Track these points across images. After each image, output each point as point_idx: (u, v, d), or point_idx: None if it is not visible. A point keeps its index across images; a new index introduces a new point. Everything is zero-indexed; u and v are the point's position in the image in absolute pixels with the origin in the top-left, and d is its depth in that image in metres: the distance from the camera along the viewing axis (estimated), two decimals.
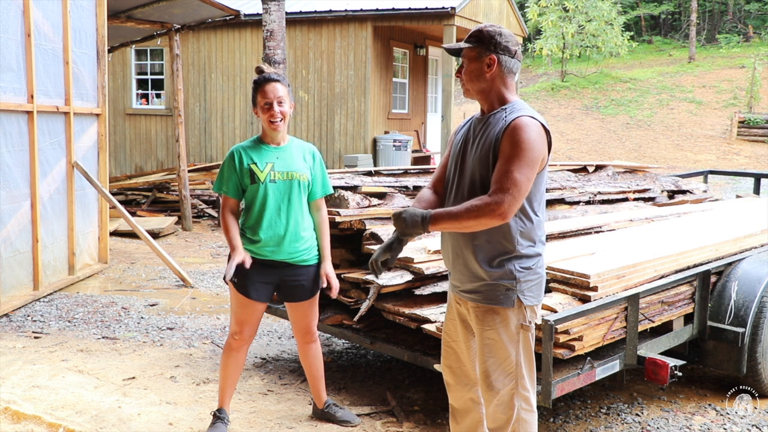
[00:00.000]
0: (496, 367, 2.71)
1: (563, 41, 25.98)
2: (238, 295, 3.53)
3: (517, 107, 2.68)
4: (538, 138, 2.59)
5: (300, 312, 3.65)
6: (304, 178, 3.48)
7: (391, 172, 5.03)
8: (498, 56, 2.70)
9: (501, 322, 2.68)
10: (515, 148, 2.55)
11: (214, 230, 10.33)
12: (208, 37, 13.57)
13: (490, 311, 2.69)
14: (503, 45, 2.70)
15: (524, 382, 2.71)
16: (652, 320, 3.76)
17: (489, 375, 2.72)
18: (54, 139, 6.73)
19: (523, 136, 2.56)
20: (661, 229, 4.85)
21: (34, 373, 4.43)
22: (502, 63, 2.70)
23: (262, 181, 3.41)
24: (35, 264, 6.34)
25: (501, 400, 2.72)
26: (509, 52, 2.71)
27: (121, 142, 14.29)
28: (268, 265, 3.49)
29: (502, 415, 2.72)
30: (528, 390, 2.73)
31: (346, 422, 3.78)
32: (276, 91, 3.41)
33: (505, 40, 2.71)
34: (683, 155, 19.73)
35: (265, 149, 3.49)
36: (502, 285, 2.65)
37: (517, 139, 2.56)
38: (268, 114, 3.41)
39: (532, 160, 2.56)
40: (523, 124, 2.59)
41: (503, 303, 2.66)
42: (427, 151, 14.77)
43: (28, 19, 6.18)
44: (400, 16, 12.46)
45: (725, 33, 33.50)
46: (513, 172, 2.53)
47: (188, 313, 6.03)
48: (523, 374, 2.71)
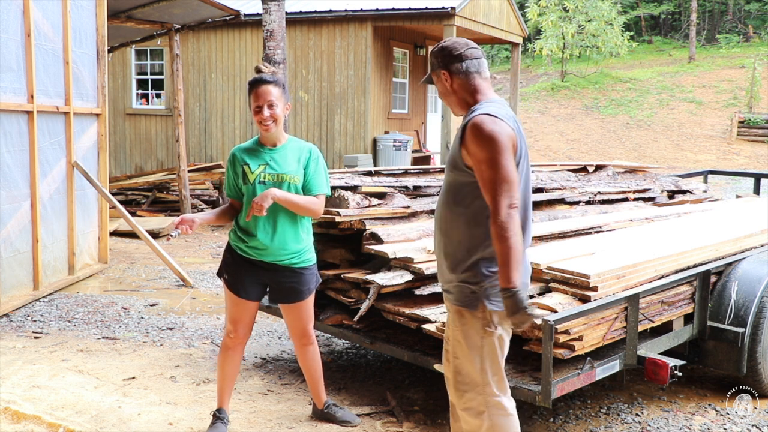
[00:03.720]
0: (461, 369, 2.69)
1: (563, 41, 25.98)
2: (230, 294, 3.55)
3: (476, 108, 2.64)
4: (495, 126, 2.52)
5: (294, 314, 3.64)
6: (294, 180, 3.45)
7: (391, 172, 5.03)
8: (447, 69, 2.70)
9: (465, 325, 2.66)
10: (481, 147, 2.51)
11: (214, 230, 10.34)
12: (208, 37, 13.57)
13: (458, 312, 2.69)
14: (447, 56, 2.70)
15: (491, 389, 2.67)
16: (652, 320, 3.76)
17: (455, 375, 2.72)
18: (54, 139, 6.73)
19: (483, 132, 2.51)
20: (661, 229, 4.85)
21: (34, 373, 4.43)
22: (453, 72, 2.69)
23: (251, 182, 3.42)
24: (35, 264, 6.34)
25: (468, 404, 2.70)
26: (456, 58, 2.69)
27: (121, 142, 14.28)
28: (258, 265, 3.49)
29: (471, 419, 2.70)
30: (498, 395, 2.68)
31: (346, 422, 3.78)
32: (266, 95, 3.39)
33: (448, 50, 2.71)
34: (683, 155, 19.73)
35: (261, 151, 3.50)
36: (468, 287, 2.62)
37: (479, 138, 2.51)
38: (258, 117, 3.42)
39: (504, 147, 2.49)
40: (479, 122, 2.54)
41: (467, 305, 2.64)
42: (427, 151, 14.76)
43: (28, 19, 6.18)
44: (400, 16, 12.46)
45: (725, 33, 33.50)
46: (495, 171, 2.48)
47: (188, 313, 6.03)
48: (488, 381, 2.66)
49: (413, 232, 4.10)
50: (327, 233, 4.22)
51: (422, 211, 4.50)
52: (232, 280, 3.51)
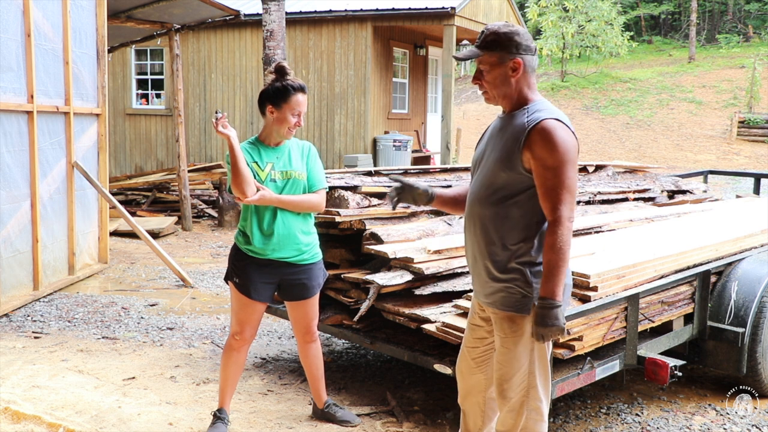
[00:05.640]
0: (510, 376, 2.64)
1: (563, 41, 25.99)
2: (239, 295, 3.54)
3: (536, 109, 2.58)
4: (566, 134, 2.50)
5: (300, 311, 3.65)
6: (301, 177, 3.51)
7: (391, 172, 5.03)
8: (522, 58, 2.59)
9: (517, 330, 2.60)
10: (551, 154, 2.46)
11: (214, 230, 10.34)
12: (208, 37, 13.57)
13: (507, 318, 2.62)
14: (524, 45, 2.59)
15: (536, 392, 2.64)
16: (652, 320, 3.76)
17: (502, 383, 2.67)
18: (54, 139, 6.73)
19: (555, 139, 2.47)
20: (661, 229, 4.85)
21: (34, 373, 4.43)
22: (526, 64, 2.60)
23: (262, 180, 3.42)
24: (35, 264, 6.34)
25: (512, 407, 2.68)
26: (530, 50, 2.60)
27: (121, 142, 14.28)
28: (268, 264, 3.50)
29: (511, 420, 2.69)
30: (540, 400, 2.66)
31: (346, 422, 3.78)
32: (303, 104, 3.46)
33: (525, 39, 2.60)
34: (683, 155, 19.74)
35: (264, 149, 3.51)
36: (518, 291, 2.57)
37: (551, 144, 2.46)
38: (289, 122, 3.45)
39: (572, 158, 2.48)
40: (551, 128, 2.49)
41: (518, 310, 2.58)
42: (427, 151, 14.76)
43: (28, 19, 6.18)
44: (400, 16, 12.46)
45: (725, 33, 33.51)
46: (561, 180, 2.45)
47: (188, 313, 6.03)
48: (536, 384, 2.63)
49: (413, 232, 4.10)
50: (327, 233, 4.22)
51: (422, 211, 4.50)
52: (243, 283, 3.51)
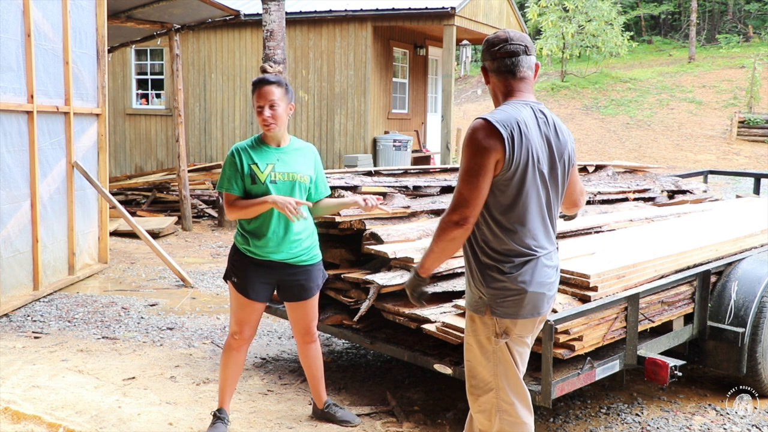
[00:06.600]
0: (474, 373, 2.69)
1: (563, 41, 25.99)
2: (238, 296, 3.54)
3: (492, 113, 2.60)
4: (471, 142, 2.46)
5: (300, 312, 3.65)
6: (304, 179, 3.50)
7: (391, 172, 5.03)
8: (485, 64, 2.67)
9: (475, 330, 2.66)
10: (461, 156, 2.54)
11: (214, 230, 10.34)
12: (208, 37, 13.57)
13: (470, 317, 2.69)
14: (485, 51, 2.64)
15: (503, 394, 2.64)
16: (652, 320, 3.76)
17: (469, 379, 2.72)
18: (54, 139, 6.73)
19: (464, 143, 2.51)
20: (661, 229, 4.85)
21: (34, 373, 4.43)
22: (490, 69, 2.64)
23: (262, 182, 3.41)
24: (35, 264, 6.34)
25: (482, 407, 2.69)
26: (490, 55, 2.62)
27: (121, 142, 14.28)
28: (267, 265, 3.50)
29: (485, 421, 2.70)
30: (510, 402, 2.64)
31: (346, 422, 3.79)
32: (269, 95, 3.40)
33: (488, 45, 2.63)
34: (683, 155, 19.74)
35: (266, 150, 3.49)
36: (476, 290, 2.62)
37: (464, 144, 2.52)
38: (260, 117, 3.43)
39: (469, 166, 2.47)
40: (469, 130, 2.53)
41: (475, 310, 2.64)
42: (427, 151, 14.76)
43: (28, 19, 6.18)
44: (400, 16, 12.46)
45: (725, 33, 33.50)
46: (460, 181, 2.50)
47: (188, 313, 6.03)
48: (501, 385, 2.64)
49: (413, 232, 4.10)
50: (327, 233, 4.22)
51: (422, 211, 4.50)
52: (242, 283, 3.51)
